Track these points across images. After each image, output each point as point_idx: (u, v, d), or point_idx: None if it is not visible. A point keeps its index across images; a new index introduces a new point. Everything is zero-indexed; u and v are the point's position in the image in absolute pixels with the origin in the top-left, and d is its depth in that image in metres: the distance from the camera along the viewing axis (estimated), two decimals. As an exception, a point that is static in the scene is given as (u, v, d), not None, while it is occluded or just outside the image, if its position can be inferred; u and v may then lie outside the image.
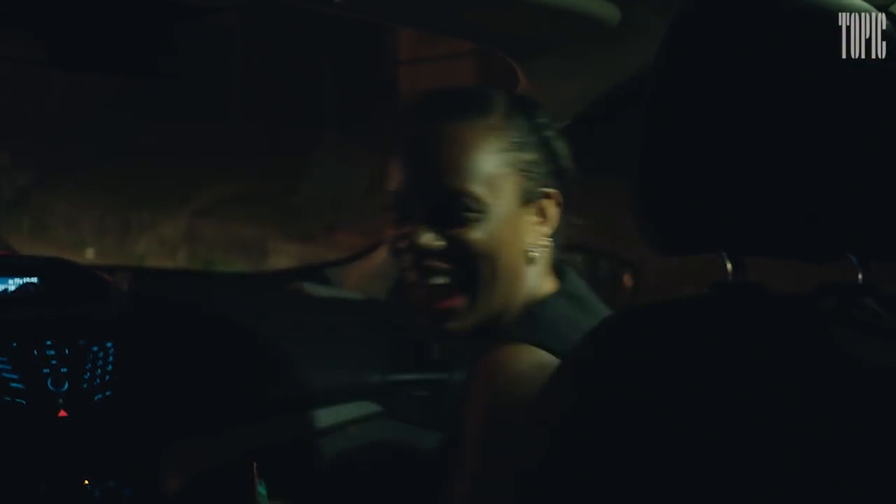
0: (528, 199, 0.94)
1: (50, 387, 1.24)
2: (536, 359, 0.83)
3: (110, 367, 1.29)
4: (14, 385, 1.22)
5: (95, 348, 1.29)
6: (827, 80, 0.55)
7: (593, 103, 1.31)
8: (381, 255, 1.83)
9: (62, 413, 1.23)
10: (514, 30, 1.26)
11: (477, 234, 0.90)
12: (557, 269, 0.99)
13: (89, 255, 6.37)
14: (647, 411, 0.52)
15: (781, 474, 0.49)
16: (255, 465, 1.08)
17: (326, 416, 1.47)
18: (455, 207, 0.90)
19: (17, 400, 1.21)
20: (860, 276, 0.58)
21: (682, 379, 0.53)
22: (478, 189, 0.90)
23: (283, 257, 5.96)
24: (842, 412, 0.51)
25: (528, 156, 0.94)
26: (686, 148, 0.57)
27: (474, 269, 0.91)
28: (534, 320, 0.90)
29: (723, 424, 0.50)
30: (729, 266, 0.59)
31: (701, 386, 0.52)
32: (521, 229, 0.93)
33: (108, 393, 1.28)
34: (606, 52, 1.24)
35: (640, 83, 0.72)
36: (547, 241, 0.95)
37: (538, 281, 0.95)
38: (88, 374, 1.27)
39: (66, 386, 1.25)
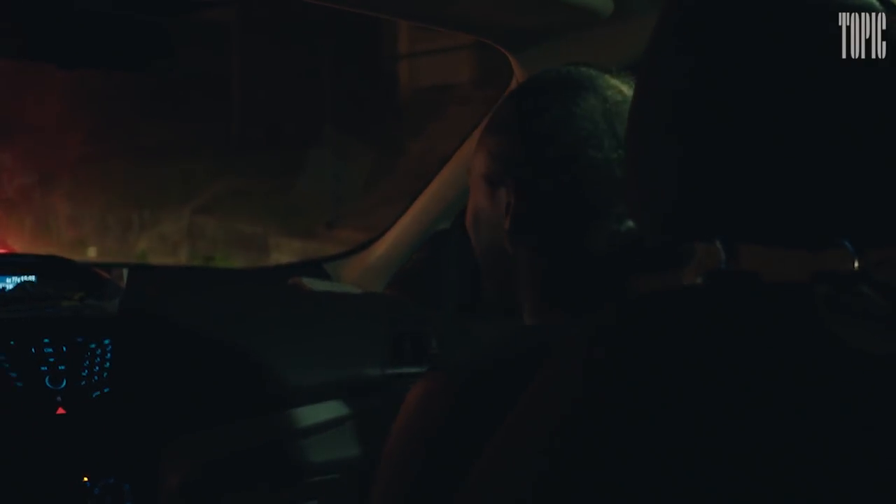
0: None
1: (48, 384, 1.24)
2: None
3: (108, 364, 1.29)
4: (12, 383, 1.22)
5: (93, 345, 1.29)
6: (824, 63, 0.54)
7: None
8: (379, 249, 1.83)
9: (60, 410, 1.23)
10: (507, 21, 1.26)
11: None
12: None
13: (91, 253, 6.38)
14: (640, 401, 0.52)
15: (780, 462, 0.49)
16: None
17: (326, 410, 1.46)
18: None
19: (16, 398, 1.22)
20: (856, 264, 0.57)
21: (674, 370, 0.52)
22: None
23: (284, 253, 5.96)
24: (839, 400, 0.50)
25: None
26: (679, 133, 0.57)
27: None
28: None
29: (718, 414, 0.50)
30: (723, 254, 0.59)
31: (694, 376, 0.52)
32: None
33: (106, 389, 1.28)
34: (600, 42, 1.23)
35: (633, 72, 0.71)
36: None
37: None
38: (86, 370, 1.27)
39: (65, 383, 1.25)
